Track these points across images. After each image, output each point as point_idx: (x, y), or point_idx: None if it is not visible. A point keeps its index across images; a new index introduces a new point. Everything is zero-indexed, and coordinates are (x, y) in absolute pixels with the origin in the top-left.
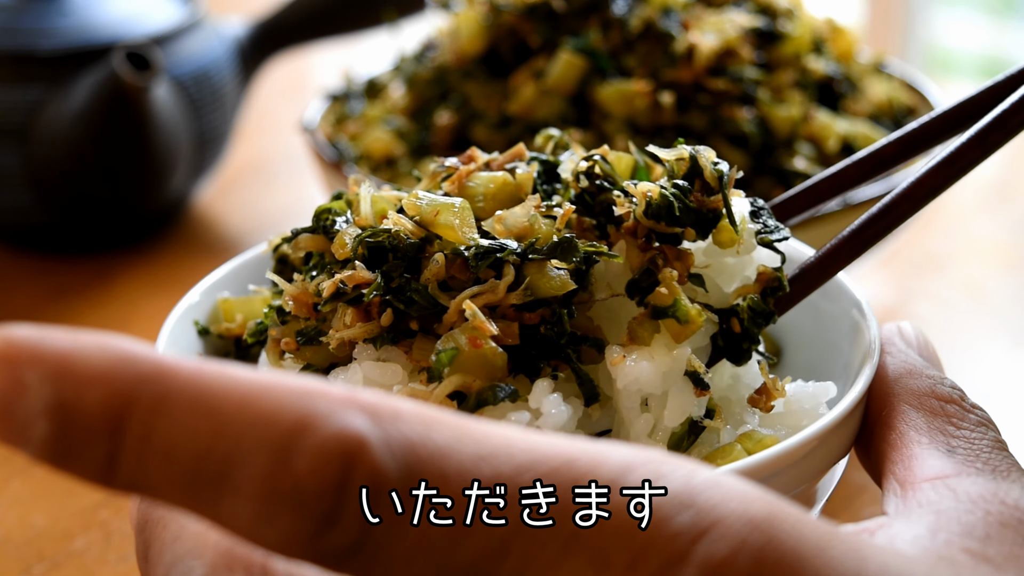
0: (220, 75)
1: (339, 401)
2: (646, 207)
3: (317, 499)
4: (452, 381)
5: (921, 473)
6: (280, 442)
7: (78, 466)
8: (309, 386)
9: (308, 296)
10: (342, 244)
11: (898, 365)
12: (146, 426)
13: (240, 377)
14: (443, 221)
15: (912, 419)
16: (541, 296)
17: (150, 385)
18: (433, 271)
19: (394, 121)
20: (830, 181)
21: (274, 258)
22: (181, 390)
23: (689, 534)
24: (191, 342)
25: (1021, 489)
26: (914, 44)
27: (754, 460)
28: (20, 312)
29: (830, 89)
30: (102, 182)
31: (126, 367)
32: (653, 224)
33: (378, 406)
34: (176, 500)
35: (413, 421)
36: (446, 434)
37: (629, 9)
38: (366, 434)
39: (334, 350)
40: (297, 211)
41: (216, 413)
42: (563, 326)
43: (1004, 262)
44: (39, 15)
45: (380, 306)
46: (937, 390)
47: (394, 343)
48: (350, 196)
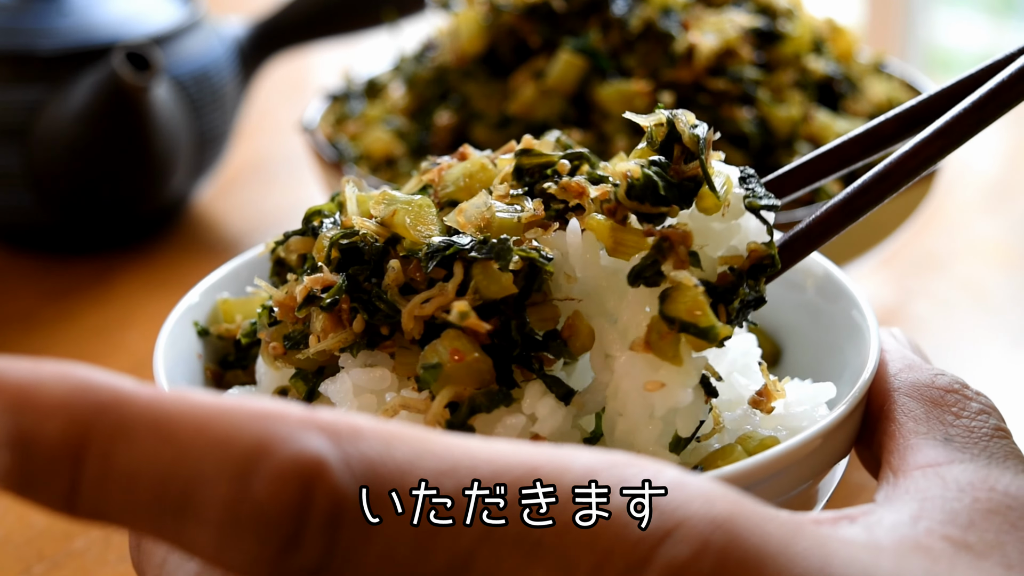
0: (220, 75)
1: (297, 423)
2: (628, 188)
3: (278, 523)
4: (445, 394)
5: (914, 461)
6: (239, 466)
7: (40, 496)
8: (267, 408)
9: (292, 300)
10: (320, 247)
11: (897, 361)
12: (105, 455)
13: (198, 402)
14: (398, 220)
15: (911, 410)
16: (488, 299)
17: (109, 413)
18: (392, 277)
19: (394, 121)
20: (827, 158)
21: (271, 260)
22: (140, 417)
23: (652, 537)
24: (191, 343)
25: (1014, 475)
26: (914, 44)
27: (754, 461)
28: (20, 312)
29: (830, 89)
30: (102, 182)
31: (85, 396)
32: (636, 205)
33: (337, 425)
34: (140, 527)
35: (373, 439)
36: (406, 450)
37: (629, 9)
38: (325, 455)
39: (314, 356)
40: (297, 211)
41: (175, 439)
42: (510, 335)
43: (1004, 262)
44: (39, 15)
45: (350, 313)
46: (938, 381)
47: (372, 348)
48: (340, 197)
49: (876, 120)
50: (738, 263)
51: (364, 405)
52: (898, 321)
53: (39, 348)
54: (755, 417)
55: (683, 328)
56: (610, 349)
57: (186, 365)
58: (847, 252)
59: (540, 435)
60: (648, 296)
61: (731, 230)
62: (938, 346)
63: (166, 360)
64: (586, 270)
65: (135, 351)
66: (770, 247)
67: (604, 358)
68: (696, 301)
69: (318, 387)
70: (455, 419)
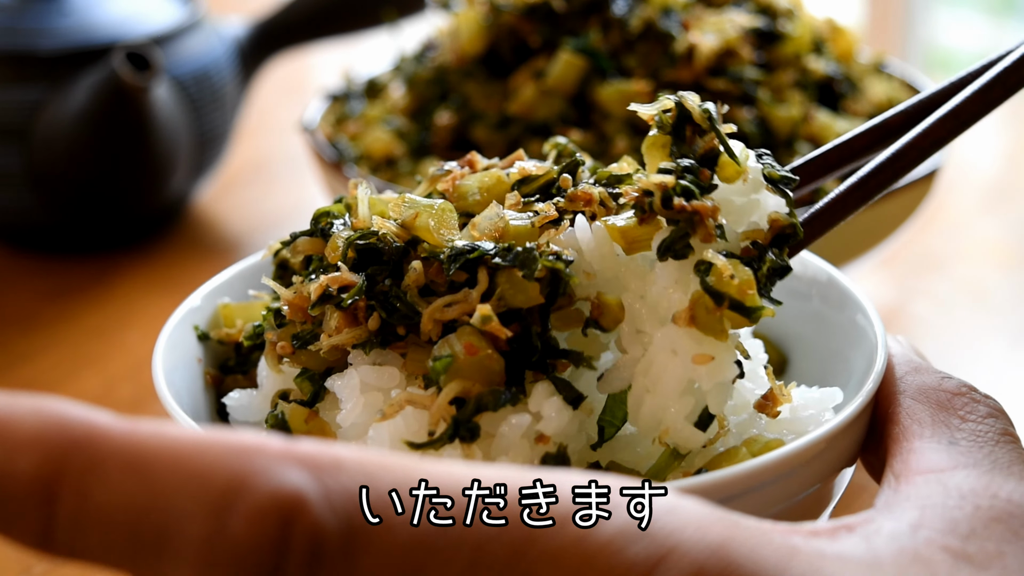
0: (220, 75)
1: (276, 456)
2: (664, 199)
3: (257, 560)
4: (452, 388)
5: (916, 466)
6: (216, 503)
7: (14, 533)
8: (246, 442)
9: (303, 300)
10: (334, 247)
11: (903, 364)
12: (80, 492)
13: (175, 436)
14: (421, 223)
15: (916, 413)
16: (513, 307)
17: (83, 449)
18: (412, 278)
19: (394, 121)
20: (839, 151)
21: (274, 263)
22: (115, 452)
23: (644, 566)
24: (190, 347)
25: (1018, 482)
26: (914, 44)
27: (758, 463)
28: (20, 312)
29: (830, 89)
30: (102, 182)
31: (59, 431)
32: (673, 214)
33: (317, 458)
34: (116, 565)
35: (354, 470)
36: (389, 480)
37: (629, 9)
38: (304, 489)
39: (326, 355)
40: (297, 211)
41: (150, 475)
42: (530, 340)
43: (1004, 262)
44: (39, 15)
45: (366, 310)
46: (944, 384)
47: (384, 346)
48: (349, 199)
49: (885, 114)
50: (760, 237)
51: (370, 402)
52: (898, 321)
53: (39, 348)
54: (761, 421)
55: (732, 305)
56: (641, 325)
57: (186, 369)
58: (847, 252)
59: (545, 434)
60: (677, 270)
61: (751, 205)
62: (938, 346)
63: (165, 364)
64: (603, 263)
65: (135, 351)
66: (792, 216)
67: (635, 333)
68: (749, 280)
69: (324, 387)
70: (460, 415)
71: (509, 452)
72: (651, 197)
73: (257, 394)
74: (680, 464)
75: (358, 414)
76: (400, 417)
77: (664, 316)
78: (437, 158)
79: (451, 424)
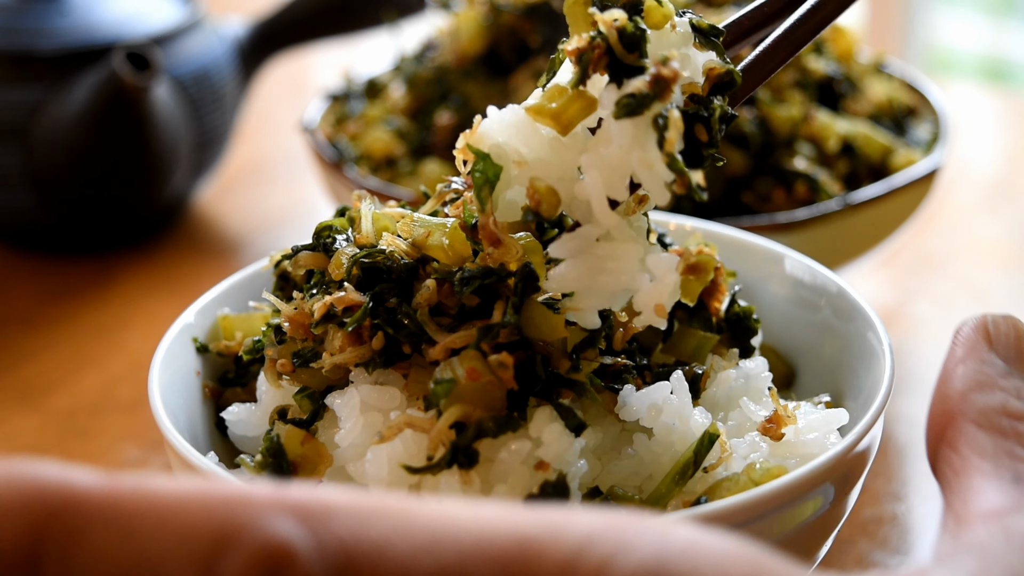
0: (220, 75)
1: (264, 506)
2: (620, 35)
3: None
4: (452, 412)
5: (976, 507)
6: (203, 560)
7: None
8: (232, 493)
9: (304, 317)
10: (338, 264)
11: (969, 376)
12: (64, 559)
13: (158, 491)
14: (433, 242)
15: (978, 441)
16: (529, 336)
17: (63, 517)
18: (424, 296)
19: (394, 121)
20: (750, 16)
21: (275, 274)
22: (96, 515)
23: None
24: (189, 359)
25: None
26: (914, 44)
27: (757, 493)
28: (20, 312)
29: (830, 89)
30: (102, 182)
31: (37, 500)
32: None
33: (308, 505)
34: None
35: (346, 517)
36: (383, 526)
37: None
38: (294, 540)
39: (328, 373)
40: (297, 211)
41: (134, 536)
42: (535, 370)
43: (1004, 262)
44: (39, 15)
45: (371, 329)
46: (1009, 406)
47: (387, 366)
48: (352, 213)
49: None
50: (697, 91)
51: (369, 423)
52: (898, 321)
53: (39, 348)
54: (763, 445)
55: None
56: (587, 196)
57: (184, 382)
58: (847, 252)
59: (545, 461)
60: (633, 126)
61: (684, 60)
62: (938, 346)
63: (162, 378)
64: (531, 143)
65: (135, 351)
66: (727, 63)
67: (585, 206)
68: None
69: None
70: (460, 441)
71: (508, 478)
72: (589, 53)
73: (256, 409)
74: (681, 490)
75: (357, 434)
76: (399, 440)
77: (625, 173)
78: (437, 158)
79: (450, 449)
